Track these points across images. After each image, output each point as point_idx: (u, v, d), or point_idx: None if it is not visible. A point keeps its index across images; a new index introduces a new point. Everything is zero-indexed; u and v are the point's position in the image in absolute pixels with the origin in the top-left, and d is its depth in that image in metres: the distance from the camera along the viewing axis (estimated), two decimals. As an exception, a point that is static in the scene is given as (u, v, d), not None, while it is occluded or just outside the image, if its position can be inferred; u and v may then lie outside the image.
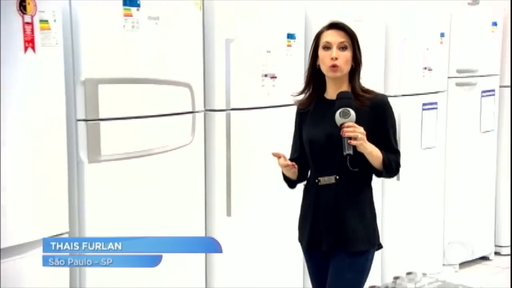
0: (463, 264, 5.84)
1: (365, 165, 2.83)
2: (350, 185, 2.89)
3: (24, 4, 3.14)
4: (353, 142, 2.70)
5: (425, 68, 5.33)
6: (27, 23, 3.18)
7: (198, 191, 4.06)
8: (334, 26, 2.92)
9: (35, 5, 3.19)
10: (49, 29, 3.28)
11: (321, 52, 2.89)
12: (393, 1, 5.12)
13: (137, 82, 3.69)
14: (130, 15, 3.60)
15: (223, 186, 4.12)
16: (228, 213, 4.14)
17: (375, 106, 2.88)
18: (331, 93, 2.92)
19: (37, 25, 3.22)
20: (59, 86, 3.38)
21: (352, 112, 2.74)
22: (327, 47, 2.86)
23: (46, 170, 3.32)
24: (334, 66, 2.83)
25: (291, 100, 4.25)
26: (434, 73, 5.44)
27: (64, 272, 3.46)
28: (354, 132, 2.69)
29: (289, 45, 4.37)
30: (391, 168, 2.86)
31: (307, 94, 3.05)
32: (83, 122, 3.53)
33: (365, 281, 3.05)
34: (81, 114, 3.52)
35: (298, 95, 3.10)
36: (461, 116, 5.79)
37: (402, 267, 3.46)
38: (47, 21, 3.26)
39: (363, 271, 2.99)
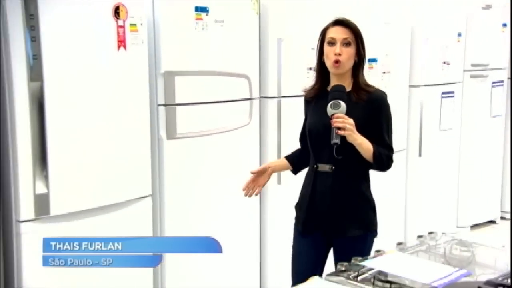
0: (473, 227, 5.89)
1: (355, 155, 2.62)
2: (345, 173, 2.68)
3: (118, 11, 3.25)
4: (341, 132, 2.52)
5: (444, 63, 5.30)
6: (120, 26, 3.27)
7: (254, 163, 4.02)
8: (339, 23, 2.70)
9: (126, 12, 3.28)
10: (137, 31, 3.36)
11: (326, 48, 2.67)
12: (417, 5, 5.10)
13: (205, 74, 3.73)
14: (201, 19, 3.65)
15: (274, 158, 4.10)
16: (279, 182, 4.16)
17: (372, 101, 2.65)
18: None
19: (127, 28, 3.31)
20: (143, 77, 3.46)
21: (343, 104, 2.55)
22: (332, 43, 2.64)
23: (134, 145, 3.41)
24: (336, 62, 2.62)
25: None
26: (452, 67, 5.40)
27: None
28: (343, 123, 2.51)
29: (327, 44, 4.38)
30: (381, 161, 2.65)
31: (313, 86, 2.83)
32: (162, 107, 3.60)
33: None
34: (161, 100, 3.60)
35: (308, 91, 2.87)
36: (474, 103, 5.74)
37: (422, 228, 3.49)
38: (135, 24, 3.34)
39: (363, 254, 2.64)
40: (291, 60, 4.15)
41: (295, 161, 2.98)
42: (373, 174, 4.83)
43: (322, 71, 2.76)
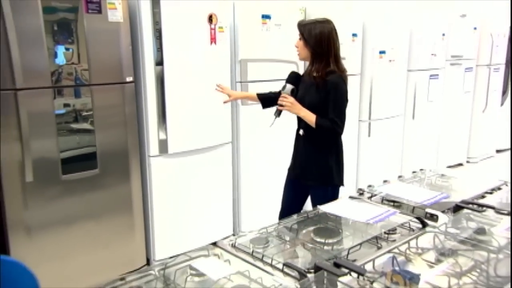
0: (448, 167, 5.82)
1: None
2: (314, 137, 2.49)
3: (211, 18, 3.25)
4: (280, 108, 2.41)
5: (432, 54, 5.16)
6: (212, 28, 3.28)
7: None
8: (298, 23, 2.50)
9: (216, 19, 3.29)
10: (223, 31, 3.35)
11: None
12: (415, 13, 4.98)
13: (268, 61, 3.69)
14: (265, 23, 3.61)
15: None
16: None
17: (325, 85, 2.38)
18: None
19: (217, 29, 3.31)
20: (227, 63, 3.46)
21: (288, 86, 2.43)
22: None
23: (220, 109, 3.40)
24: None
25: (352, 71, 4.32)
26: (437, 57, 5.24)
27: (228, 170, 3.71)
28: (282, 101, 2.39)
29: (353, 40, 4.30)
30: (322, 129, 2.39)
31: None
32: (239, 83, 3.58)
33: None
34: (238, 79, 3.58)
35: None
36: (452, 83, 5.59)
37: (415, 166, 3.43)
38: (222, 27, 3.34)
39: (325, 201, 2.43)
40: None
41: (266, 101, 2.75)
42: (386, 133, 4.81)
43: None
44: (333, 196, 2.47)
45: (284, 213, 2.71)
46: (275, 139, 3.75)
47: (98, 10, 2.75)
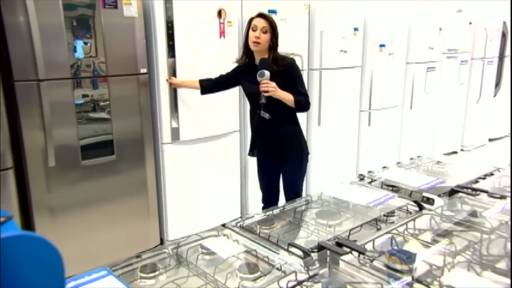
0: (443, 154, 5.82)
1: (282, 108, 2.46)
2: (281, 119, 2.51)
3: (220, 13, 3.23)
4: (266, 94, 2.37)
5: (429, 48, 5.09)
6: (221, 23, 3.25)
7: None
8: (261, 15, 2.45)
9: (225, 14, 3.26)
10: (231, 25, 3.33)
11: (250, 32, 2.45)
12: (413, 8, 4.92)
13: None
14: None
15: (317, 106, 4.07)
16: (319, 123, 4.16)
17: (286, 67, 2.44)
18: (257, 60, 2.49)
19: (226, 24, 3.28)
20: (235, 56, 3.34)
21: (267, 73, 2.36)
22: (254, 29, 2.41)
23: (227, 97, 3.39)
24: (255, 43, 2.41)
25: (353, 64, 4.30)
26: (434, 50, 5.17)
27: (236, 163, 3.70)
28: (267, 87, 2.35)
29: (354, 34, 4.26)
30: (301, 105, 2.46)
31: (242, 60, 2.57)
32: None
33: (303, 178, 2.69)
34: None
35: (237, 60, 2.64)
36: (447, 75, 5.53)
37: (412, 153, 3.41)
38: (230, 21, 3.31)
39: (300, 172, 2.64)
40: (329, 44, 4.03)
41: (207, 87, 2.82)
42: (385, 122, 4.78)
43: (247, 48, 2.50)
44: (306, 164, 2.66)
45: (266, 196, 2.78)
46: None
47: (114, 5, 2.74)
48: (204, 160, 3.39)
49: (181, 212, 3.30)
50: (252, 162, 3.69)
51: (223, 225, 1.69)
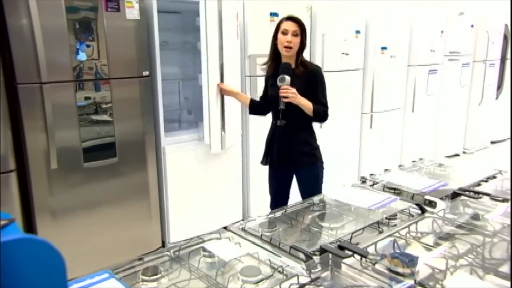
0: (445, 157, 5.81)
1: (299, 114, 2.40)
2: (296, 126, 2.47)
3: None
4: (285, 100, 2.32)
5: (431, 50, 5.10)
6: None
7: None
8: (291, 18, 2.38)
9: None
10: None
11: (280, 36, 2.38)
12: (415, 10, 4.92)
13: None
14: (273, 21, 3.54)
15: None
16: (320, 126, 4.07)
17: (310, 73, 2.40)
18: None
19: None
20: (237, 58, 3.44)
21: (287, 78, 2.31)
22: (284, 33, 2.36)
23: (231, 104, 3.38)
24: (287, 47, 2.36)
25: (355, 66, 4.30)
26: (436, 53, 5.18)
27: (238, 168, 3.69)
28: (286, 93, 2.30)
29: (356, 37, 4.26)
30: (319, 115, 2.42)
31: (268, 65, 2.53)
32: (248, 77, 3.57)
33: (321, 187, 2.56)
34: (247, 73, 3.58)
35: (264, 64, 2.58)
36: (449, 77, 5.53)
37: (414, 156, 3.39)
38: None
39: (317, 180, 2.53)
40: (331, 47, 4.03)
41: (254, 107, 2.73)
42: (387, 124, 4.77)
43: (275, 52, 2.46)
44: (322, 173, 2.55)
45: (275, 201, 2.69)
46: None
47: (117, 8, 2.75)
48: (206, 163, 3.39)
49: (183, 214, 3.30)
50: (255, 164, 3.70)
51: (225, 227, 1.68)
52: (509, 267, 1.31)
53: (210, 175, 3.42)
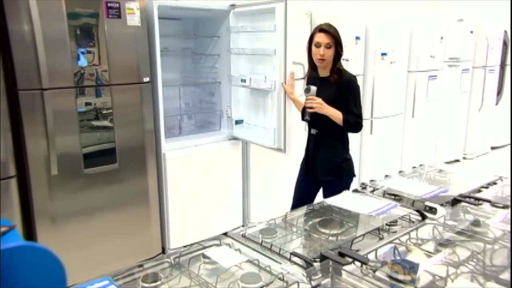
0: (445, 163, 5.81)
1: (329, 124, 2.41)
2: (326, 136, 2.49)
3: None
4: (310, 111, 2.36)
5: (431, 56, 5.11)
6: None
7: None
8: (323, 30, 2.40)
9: (228, 23, 3.29)
10: (234, 35, 3.36)
11: (313, 48, 2.42)
12: (415, 16, 4.94)
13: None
14: None
15: None
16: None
17: (343, 83, 2.40)
18: (321, 73, 2.47)
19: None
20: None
21: (312, 88, 2.35)
22: (317, 46, 2.39)
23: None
24: (321, 60, 2.39)
25: (355, 72, 4.27)
26: (436, 59, 5.19)
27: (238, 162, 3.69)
28: (311, 104, 2.34)
29: (356, 43, 4.27)
30: (350, 125, 2.41)
31: (308, 74, 2.56)
32: None
33: None
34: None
35: (306, 75, 2.62)
36: (449, 83, 5.53)
37: (414, 162, 3.40)
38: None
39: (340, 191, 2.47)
40: (330, 54, 4.03)
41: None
42: (387, 130, 4.77)
43: (312, 62, 2.49)
44: (348, 186, 2.48)
45: (296, 202, 2.68)
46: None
47: (118, 15, 2.76)
48: (206, 168, 3.39)
49: (183, 220, 3.30)
50: (254, 170, 3.70)
51: (225, 233, 1.68)
52: (510, 274, 1.30)
53: (210, 181, 3.42)
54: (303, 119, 2.44)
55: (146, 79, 2.97)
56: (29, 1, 2.41)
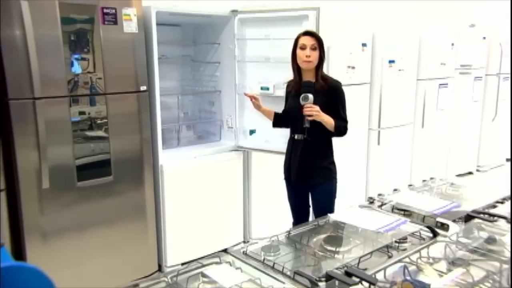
0: (457, 175, 5.77)
1: (321, 130, 2.54)
2: (316, 141, 2.60)
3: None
4: (310, 118, 2.47)
5: (441, 63, 5.13)
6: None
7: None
8: (308, 33, 2.56)
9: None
10: (235, 41, 3.39)
11: (298, 51, 2.53)
12: (423, 23, 4.96)
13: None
14: None
15: None
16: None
17: (330, 89, 2.54)
18: (305, 78, 2.56)
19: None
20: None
21: (310, 96, 2.45)
22: (303, 48, 2.51)
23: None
24: (307, 61, 2.51)
25: (361, 81, 4.31)
26: (447, 66, 5.20)
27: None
28: (311, 111, 2.44)
29: (362, 50, 4.28)
30: (340, 130, 2.56)
31: (294, 80, 2.64)
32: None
33: (334, 202, 2.71)
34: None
35: (290, 82, 2.70)
36: (461, 92, 5.54)
37: (424, 175, 3.37)
38: (234, 37, 3.37)
39: (331, 194, 2.68)
40: (337, 60, 4.03)
41: (278, 120, 2.81)
42: (396, 141, 4.76)
43: (297, 69, 2.59)
44: (336, 188, 2.69)
45: (298, 218, 2.78)
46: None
47: (114, 21, 2.78)
48: (205, 181, 3.38)
49: (181, 236, 3.28)
50: (256, 182, 3.70)
51: (225, 250, 1.68)
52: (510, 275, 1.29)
53: (210, 194, 3.41)
54: (298, 120, 2.54)
55: (143, 88, 2.98)
56: (21, 5, 2.43)
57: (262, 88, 3.32)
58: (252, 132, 3.49)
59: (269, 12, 3.25)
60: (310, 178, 2.65)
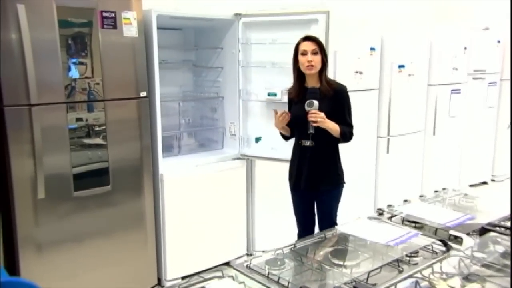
0: (471, 185, 5.71)
1: (327, 136, 2.60)
2: (324, 147, 2.66)
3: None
4: (314, 124, 2.53)
5: (453, 68, 5.12)
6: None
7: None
8: (308, 38, 2.62)
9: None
10: (239, 46, 3.39)
11: (300, 57, 2.61)
12: (435, 26, 4.96)
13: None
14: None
15: None
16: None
17: (335, 93, 2.61)
18: (309, 83, 2.65)
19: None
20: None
21: (316, 103, 2.52)
22: (304, 54, 2.58)
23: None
24: (309, 66, 2.58)
25: (370, 86, 4.31)
26: (459, 71, 5.19)
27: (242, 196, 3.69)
28: (315, 118, 2.50)
29: (371, 54, 4.29)
30: (346, 136, 2.64)
31: (294, 87, 2.74)
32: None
33: (338, 207, 2.80)
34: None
35: (290, 89, 2.79)
36: (474, 98, 5.52)
37: (436, 185, 3.35)
38: (237, 41, 3.39)
39: (337, 200, 2.77)
40: (344, 65, 4.04)
41: (291, 133, 2.83)
42: (406, 149, 4.73)
43: (298, 75, 2.67)
44: (341, 192, 2.80)
45: (305, 226, 2.84)
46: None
47: (113, 25, 2.79)
48: (207, 191, 3.38)
49: (181, 248, 3.27)
50: (260, 192, 3.69)
51: (227, 263, 1.67)
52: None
53: (212, 204, 3.40)
54: (304, 127, 2.58)
55: (143, 94, 2.99)
56: (17, 8, 2.44)
57: (269, 94, 3.34)
58: (258, 139, 3.49)
59: (276, 16, 3.25)
60: (320, 184, 2.71)
